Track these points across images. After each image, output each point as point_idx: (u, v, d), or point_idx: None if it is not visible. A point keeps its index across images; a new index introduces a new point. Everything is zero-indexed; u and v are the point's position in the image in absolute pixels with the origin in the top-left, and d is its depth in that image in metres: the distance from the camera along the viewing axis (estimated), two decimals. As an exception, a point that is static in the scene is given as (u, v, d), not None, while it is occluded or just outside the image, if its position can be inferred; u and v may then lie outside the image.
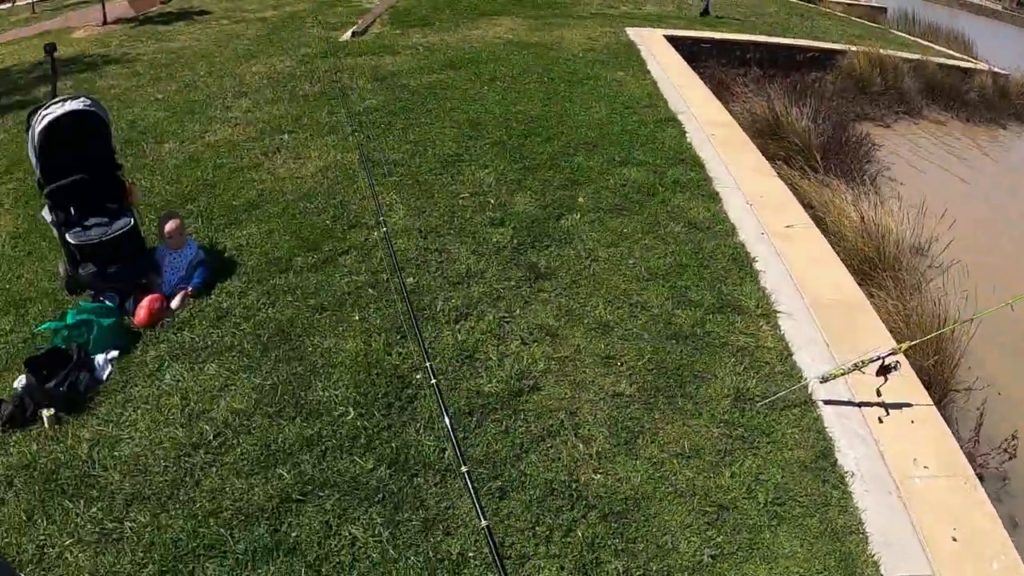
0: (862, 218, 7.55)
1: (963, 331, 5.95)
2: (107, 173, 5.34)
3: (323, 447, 3.89)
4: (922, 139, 13.16)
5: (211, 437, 4.01)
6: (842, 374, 4.22)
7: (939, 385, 5.67)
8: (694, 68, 12.06)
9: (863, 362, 4.12)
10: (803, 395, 4.34)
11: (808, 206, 7.82)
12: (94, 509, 3.64)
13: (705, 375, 4.47)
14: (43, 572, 3.35)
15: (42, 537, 3.51)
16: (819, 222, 7.29)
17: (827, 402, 4.33)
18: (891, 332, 5.19)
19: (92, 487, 3.77)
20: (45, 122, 4.89)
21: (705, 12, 17.34)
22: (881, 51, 15.14)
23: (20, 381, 4.46)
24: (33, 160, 5.11)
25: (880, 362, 4.12)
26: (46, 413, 4.22)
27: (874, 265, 7.04)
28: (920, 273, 7.14)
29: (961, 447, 5.40)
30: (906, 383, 4.48)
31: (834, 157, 10.08)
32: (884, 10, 31.49)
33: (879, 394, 4.21)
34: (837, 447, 4.02)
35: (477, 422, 4.01)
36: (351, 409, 4.11)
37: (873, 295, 6.27)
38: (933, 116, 14.42)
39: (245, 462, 3.83)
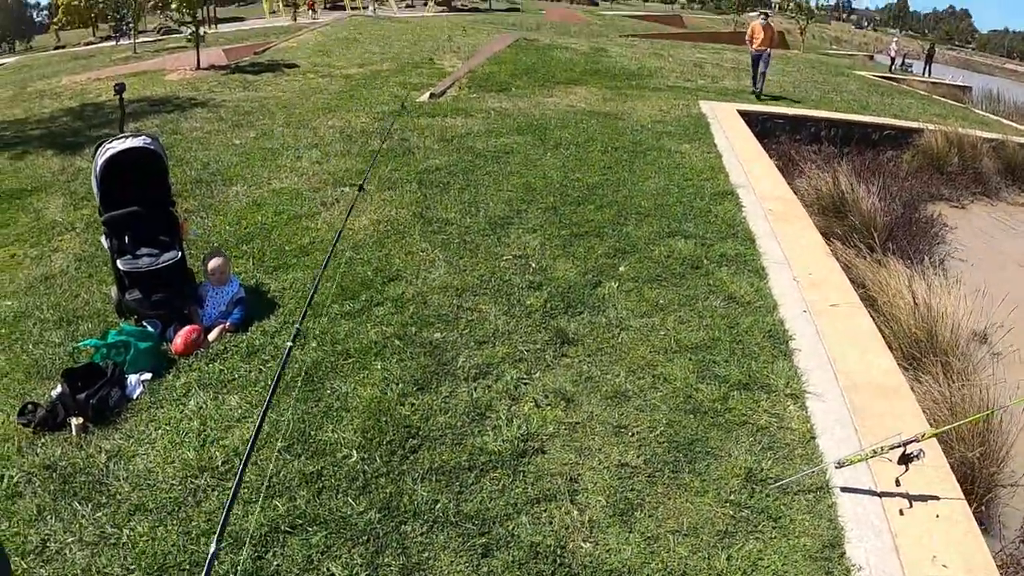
0: (915, 300, 7.34)
1: (1013, 423, 5.68)
2: (161, 208, 5.66)
3: (321, 485, 3.97)
4: (997, 221, 12.79)
5: (219, 463, 4.15)
6: (859, 460, 4.07)
7: (984, 479, 5.41)
8: (766, 143, 12.08)
9: (882, 448, 3.96)
10: (820, 480, 4.20)
11: (860, 285, 7.68)
12: (100, 513, 3.83)
13: (718, 452, 4.38)
14: (41, 564, 3.54)
15: (47, 532, 3.71)
16: (870, 302, 7.15)
17: (845, 489, 4.15)
18: (934, 421, 5.00)
19: (102, 493, 3.97)
20: (107, 156, 5.28)
21: (758, 94, 17.17)
22: (959, 130, 14.87)
23: (56, 390, 4.75)
24: (95, 190, 5.54)
25: (902, 449, 3.95)
26: (75, 421, 4.48)
27: (925, 349, 6.82)
28: (974, 361, 6.88)
29: (1003, 548, 5.17)
30: (936, 474, 4.27)
31: (901, 237, 9.89)
32: (968, 89, 31.02)
33: (898, 483, 4.03)
34: (848, 538, 3.86)
35: (475, 478, 4.02)
36: (355, 452, 4.18)
37: (920, 381, 6.08)
38: (1012, 198, 14.07)
39: (245, 490, 3.94)
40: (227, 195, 8.51)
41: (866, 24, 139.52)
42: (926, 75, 37.39)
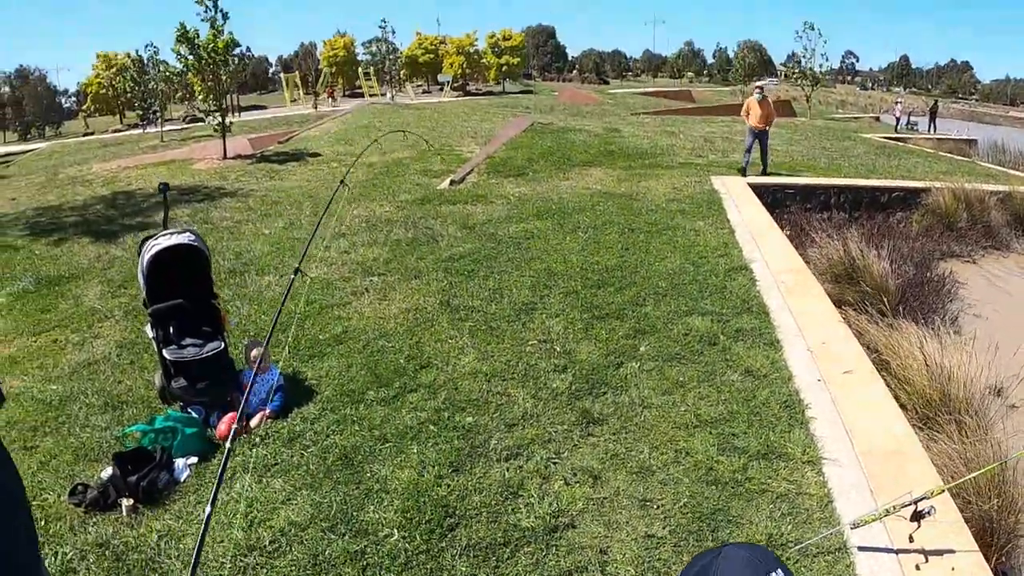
0: (926, 361, 7.53)
1: (1029, 473, 5.82)
2: (204, 300, 6.08)
3: (365, 563, 4.23)
4: (1009, 274, 12.98)
5: (267, 542, 4.42)
6: (873, 520, 4.26)
7: (1003, 530, 5.51)
8: (777, 213, 12.47)
9: (895, 507, 4.16)
10: (838, 541, 4.41)
11: (874, 350, 7.90)
12: None
13: (740, 520, 4.61)
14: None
15: (103, 608, 3.95)
16: (884, 366, 7.35)
17: (862, 548, 4.33)
18: (950, 478, 5.17)
19: (155, 571, 4.22)
20: (153, 251, 5.71)
21: (743, 172, 16.16)
22: (966, 185, 15.15)
23: (106, 472, 5.05)
24: (140, 282, 5.94)
25: (914, 507, 4.15)
26: (125, 503, 4.76)
27: (938, 408, 7.00)
28: (988, 415, 7.03)
29: (1025, 600, 5.27)
30: (951, 528, 4.44)
31: (913, 298, 10.12)
32: (974, 141, 31.38)
33: (911, 540, 4.21)
34: (866, 597, 4.06)
35: (511, 553, 4.26)
36: (396, 531, 4.45)
37: (935, 439, 6.25)
38: (1022, 248, 14.28)
39: (293, 568, 4.20)
40: (260, 285, 8.93)
41: (871, 85, 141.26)
42: (931, 132, 37.88)
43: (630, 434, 5.52)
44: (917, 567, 4.15)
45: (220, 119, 17.92)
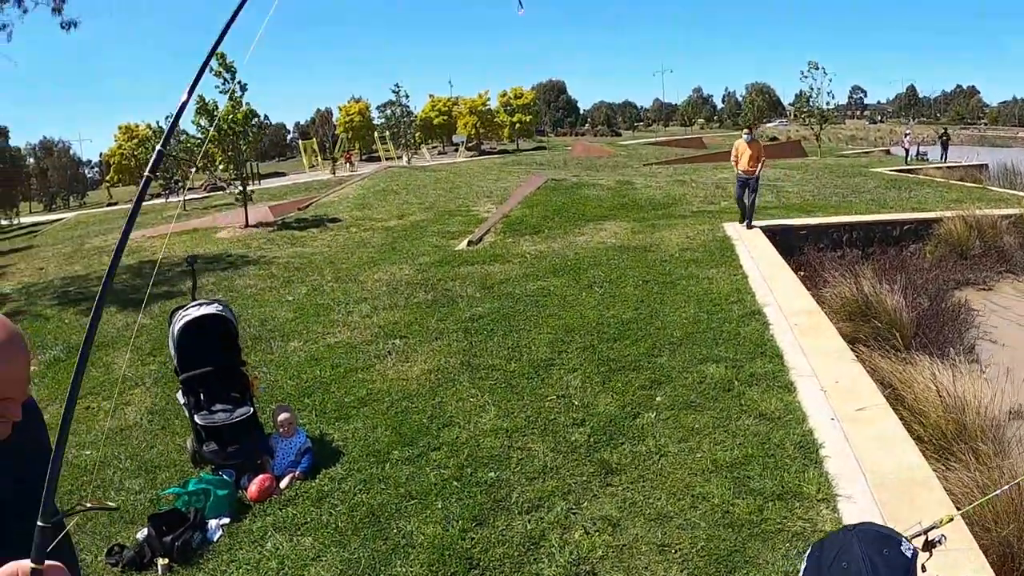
0: (939, 392, 7.59)
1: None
2: (233, 367, 6.37)
3: (394, 616, 4.40)
4: (1024, 297, 12.99)
5: (299, 601, 4.60)
6: None
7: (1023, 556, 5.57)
8: (790, 255, 12.66)
9: (908, 539, 4.25)
10: None
11: (888, 385, 7.99)
12: None
13: (756, 560, 4.74)
14: None
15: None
16: (899, 400, 7.44)
17: None
18: (965, 505, 5.24)
19: None
20: (183, 322, 6.04)
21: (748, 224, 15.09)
22: (977, 212, 15.20)
23: (142, 532, 5.28)
24: (172, 351, 6.26)
25: (924, 537, 4.24)
26: (161, 562, 4.96)
27: (953, 438, 7.05)
28: (1005, 442, 7.09)
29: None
30: (965, 556, 4.49)
31: (928, 330, 10.20)
32: (985, 166, 31.37)
33: (924, 569, 4.29)
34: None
35: (535, 602, 4.43)
36: (419, 585, 4.62)
37: (951, 468, 6.31)
38: (1038, 271, 14.21)
39: (327, 625, 4.38)
40: (286, 350, 9.21)
41: (879, 118, 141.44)
42: (943, 161, 37.87)
43: (648, 482, 5.68)
44: (933, 597, 4.25)
45: (241, 188, 18.36)
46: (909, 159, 38.46)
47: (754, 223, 14.92)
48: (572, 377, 7.69)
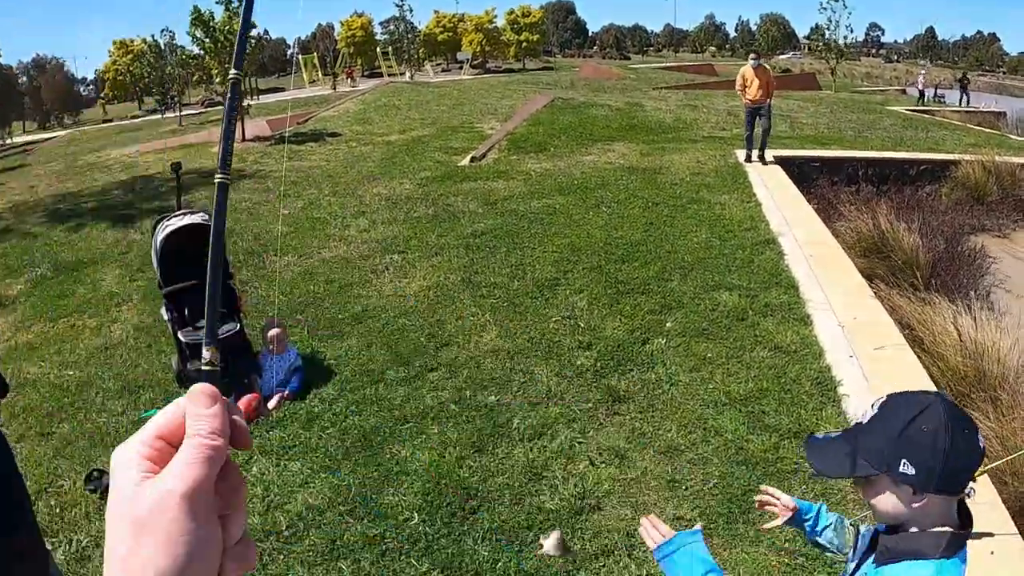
0: (960, 336, 7.29)
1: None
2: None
3: (384, 547, 4.12)
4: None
5: (284, 527, 4.32)
6: None
7: (1046, 513, 5.35)
8: (803, 187, 12.17)
9: (937, 492, 3.99)
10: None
11: (906, 326, 7.66)
12: None
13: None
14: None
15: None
16: (917, 342, 7.13)
17: None
18: (987, 458, 4.98)
19: None
20: (166, 232, 5.64)
21: (761, 158, 13.64)
22: (996, 158, 14.75)
23: None
24: (154, 264, 5.89)
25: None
26: None
27: (973, 386, 6.77)
28: (1020, 394, 6.81)
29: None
30: (990, 511, 4.27)
31: (944, 273, 9.83)
32: (1003, 114, 30.74)
33: None
34: (904, 579, 3.89)
35: (534, 537, 4.13)
36: (415, 515, 4.34)
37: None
38: (1057, 224, 13.80)
39: (311, 553, 4.11)
40: (279, 265, 8.83)
41: (896, 58, 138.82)
42: (962, 105, 36.99)
43: (657, 412, 5.37)
44: (957, 549, 3.99)
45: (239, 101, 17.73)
46: (925, 100, 37.46)
47: (767, 154, 13.60)
48: (578, 298, 7.34)
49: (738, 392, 5.58)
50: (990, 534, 4.08)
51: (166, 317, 5.94)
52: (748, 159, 13.53)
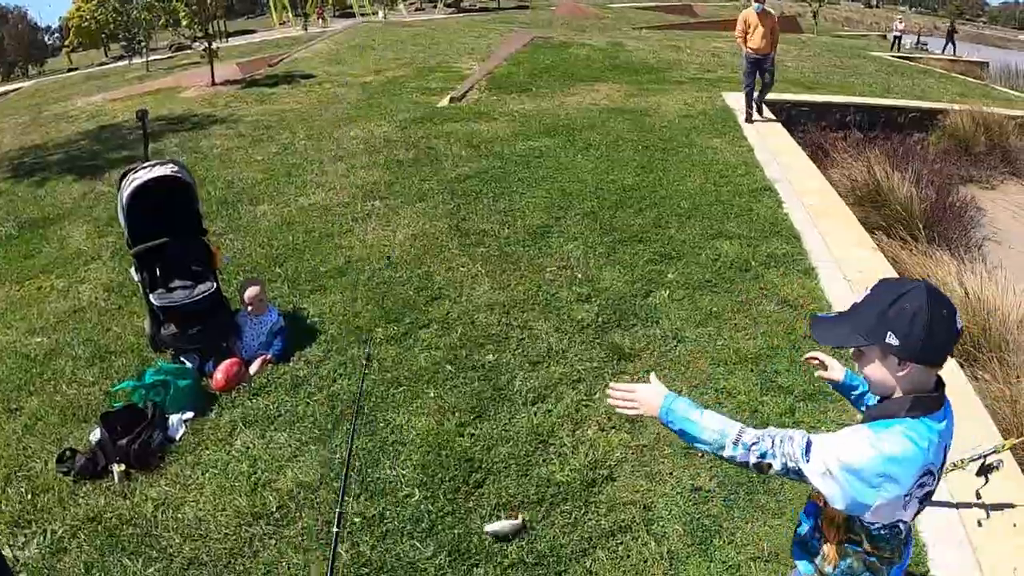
0: (966, 293, 7.04)
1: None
2: (193, 237, 5.44)
3: (384, 528, 3.80)
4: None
5: (274, 508, 3.99)
6: None
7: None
8: (791, 132, 11.81)
9: (962, 461, 3.76)
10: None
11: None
12: (151, 570, 3.66)
13: (793, 469, 4.17)
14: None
15: (97, 592, 3.52)
16: (918, 298, 6.89)
17: None
18: (996, 420, 4.78)
19: (152, 547, 3.80)
20: (133, 186, 5.04)
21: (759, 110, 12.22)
22: (984, 109, 14.54)
23: (95, 434, 4.55)
24: (121, 221, 5.30)
25: (981, 461, 3.73)
26: (116, 468, 4.28)
27: (979, 345, 6.54)
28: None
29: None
30: (1012, 482, 4.07)
31: (937, 224, 9.59)
32: (986, 64, 30.54)
33: (979, 496, 3.80)
34: (930, 554, 3.67)
35: (545, 512, 3.83)
36: (417, 491, 4.01)
37: (977, 378, 5.82)
38: (1044, 175, 13.63)
39: (304, 537, 3.79)
40: (254, 214, 8.35)
41: (875, 2, 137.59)
42: (946, 53, 36.53)
43: (665, 371, 5.05)
44: (979, 523, 3.78)
45: (207, 44, 17.00)
46: (897, 47, 36.79)
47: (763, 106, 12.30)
48: (573, 247, 6.97)
49: (748, 350, 5.29)
50: (1012, 505, 3.93)
51: (136, 278, 5.41)
52: (748, 119, 11.88)
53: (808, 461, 2.03)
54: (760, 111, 12.13)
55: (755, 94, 11.85)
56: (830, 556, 2.30)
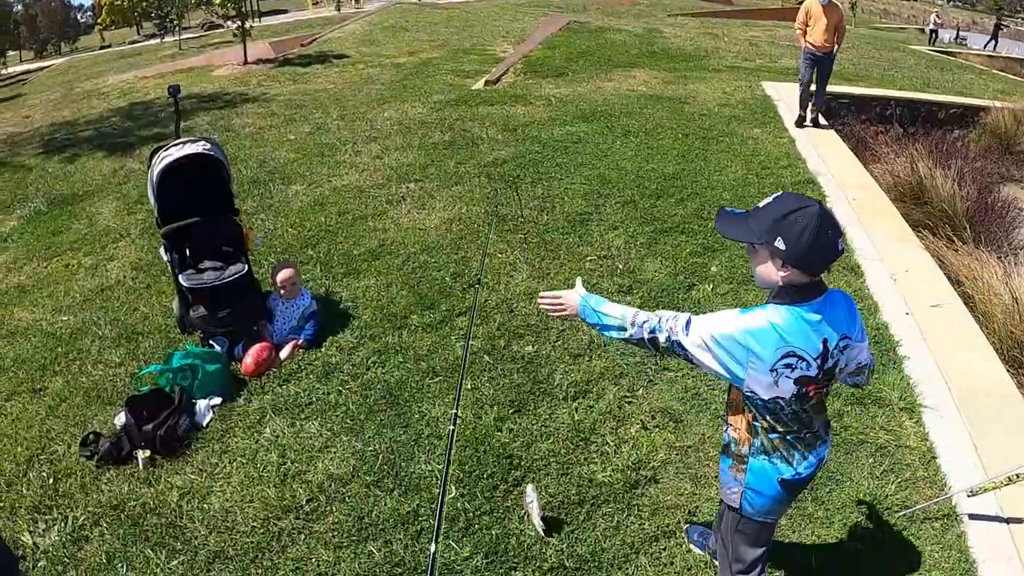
0: (1014, 298, 6.77)
1: None
2: (224, 217, 5.30)
3: (419, 526, 3.67)
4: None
5: (304, 502, 3.87)
6: (993, 488, 3.69)
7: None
8: (831, 124, 11.51)
9: (1018, 476, 3.58)
10: (946, 507, 3.83)
11: (956, 282, 7.17)
12: (175, 562, 3.56)
13: (839, 476, 4.02)
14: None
15: (119, 584, 3.42)
16: (966, 299, 6.64)
17: (972, 516, 3.80)
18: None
19: (177, 538, 3.69)
20: (164, 164, 4.88)
21: (801, 121, 10.94)
22: (1028, 106, 14.14)
23: (120, 418, 4.47)
24: (152, 200, 5.16)
25: None
26: (141, 455, 4.19)
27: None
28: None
29: None
30: None
31: (979, 224, 9.30)
32: (1026, 60, 29.83)
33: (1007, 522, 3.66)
34: (980, 571, 3.52)
35: (587, 515, 3.69)
36: (453, 487, 3.87)
37: (1024, 384, 5.61)
38: (1088, 178, 13.21)
39: (335, 533, 3.67)
40: (287, 195, 8.24)
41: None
42: (988, 49, 35.73)
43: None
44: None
45: (240, 23, 16.90)
46: (935, 41, 35.99)
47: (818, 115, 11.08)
48: (614, 236, 6.80)
49: (794, 349, 5.10)
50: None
51: (165, 259, 5.27)
52: (800, 122, 10.82)
53: (687, 335, 2.41)
54: (816, 121, 11.04)
55: (810, 97, 10.81)
56: (742, 438, 2.61)
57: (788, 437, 2.52)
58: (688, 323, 2.43)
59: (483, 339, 5.18)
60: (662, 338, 2.46)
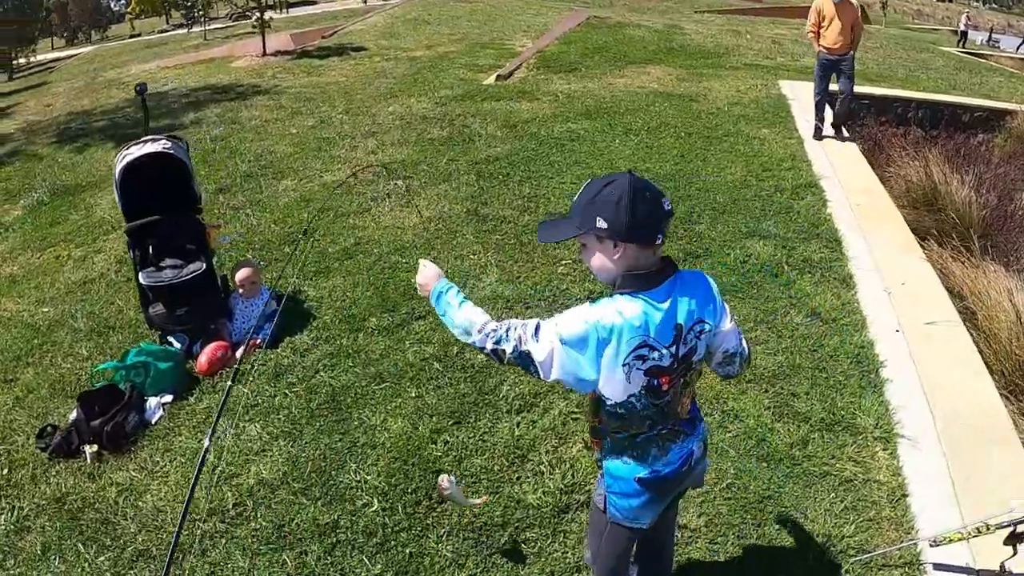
0: (1018, 315, 6.40)
1: None
2: (186, 215, 5.29)
3: (335, 539, 3.55)
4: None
5: (230, 505, 3.80)
6: (960, 539, 3.31)
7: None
8: (850, 125, 11.19)
9: (987, 527, 3.22)
10: (909, 553, 3.50)
11: (959, 296, 6.85)
12: (102, 559, 3.54)
13: (793, 512, 3.72)
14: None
15: (48, 576, 3.41)
16: (969, 315, 6.32)
17: (938, 567, 3.44)
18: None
19: (108, 535, 3.69)
20: (124, 162, 4.99)
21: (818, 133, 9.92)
22: (1057, 112, 13.67)
23: (73, 413, 4.50)
24: (116, 197, 5.20)
25: (1012, 528, 3.24)
26: (89, 449, 4.24)
27: (1024, 375, 5.94)
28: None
29: None
30: None
31: (996, 233, 8.93)
32: (1058, 65, 29.02)
33: (1003, 569, 3.26)
34: (941, 630, 3.22)
35: (509, 539, 3.51)
36: (375, 500, 3.74)
37: (1024, 415, 5.29)
38: (1117, 189, 12.73)
39: (253, 539, 3.58)
40: (276, 189, 8.15)
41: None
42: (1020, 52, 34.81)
43: (669, 387, 4.65)
44: (1000, 600, 3.26)
45: (259, 15, 16.92)
46: (967, 43, 35.09)
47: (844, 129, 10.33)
48: (593, 240, 6.57)
49: (766, 366, 4.86)
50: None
51: (130, 256, 5.34)
52: (817, 134, 9.86)
53: (537, 341, 2.19)
54: (838, 130, 10.17)
55: (826, 105, 10.03)
56: (595, 443, 2.50)
57: (638, 438, 2.37)
58: (537, 329, 2.21)
59: (437, 345, 5.01)
60: (508, 348, 2.23)
